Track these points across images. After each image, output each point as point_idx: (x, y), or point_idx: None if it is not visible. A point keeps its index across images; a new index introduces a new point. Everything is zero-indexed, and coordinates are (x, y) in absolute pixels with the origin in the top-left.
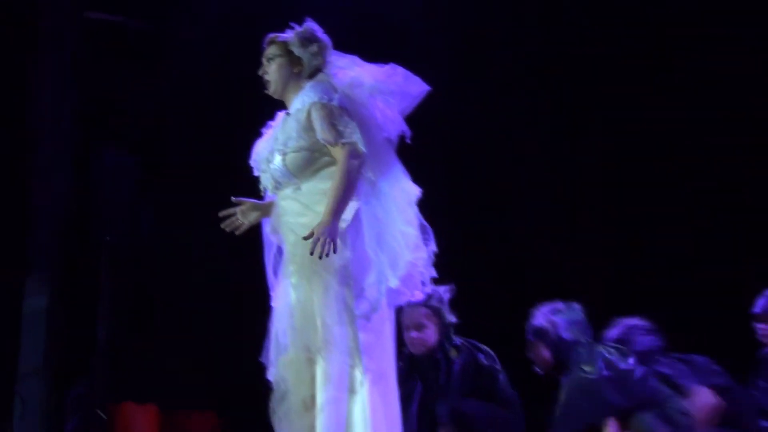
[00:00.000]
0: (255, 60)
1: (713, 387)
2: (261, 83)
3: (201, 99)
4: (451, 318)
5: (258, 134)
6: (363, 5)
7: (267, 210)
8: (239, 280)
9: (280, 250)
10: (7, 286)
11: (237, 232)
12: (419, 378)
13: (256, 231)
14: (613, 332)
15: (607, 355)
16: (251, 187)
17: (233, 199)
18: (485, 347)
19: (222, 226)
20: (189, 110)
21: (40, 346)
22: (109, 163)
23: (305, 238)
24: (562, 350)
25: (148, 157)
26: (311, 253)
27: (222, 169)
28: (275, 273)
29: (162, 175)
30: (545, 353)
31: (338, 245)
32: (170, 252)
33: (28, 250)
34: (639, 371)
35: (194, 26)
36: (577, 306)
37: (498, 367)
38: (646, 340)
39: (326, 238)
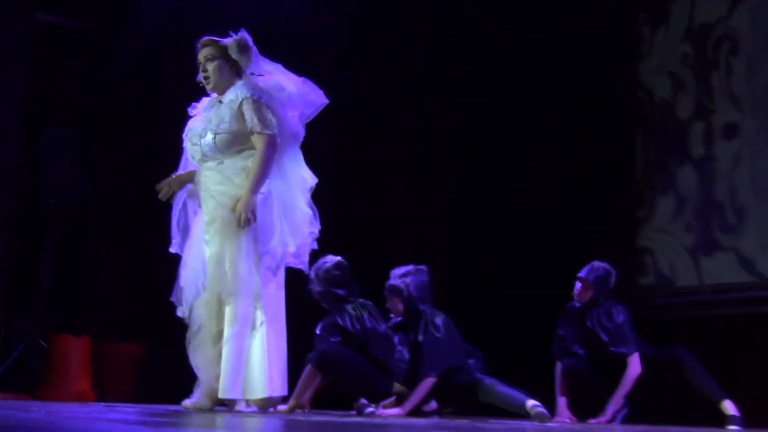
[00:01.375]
0: (174, 53)
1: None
2: (179, 74)
3: (130, 85)
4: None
5: (184, 115)
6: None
7: (188, 178)
8: (158, 233)
9: (185, 209)
10: None
11: (168, 200)
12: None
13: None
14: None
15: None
16: (167, 156)
17: (158, 186)
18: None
19: (159, 197)
20: (121, 93)
21: None
22: (53, 137)
23: (232, 211)
24: (412, 303)
25: (87, 133)
26: (237, 225)
27: (146, 144)
28: (178, 227)
29: (98, 147)
30: (399, 306)
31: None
32: (103, 210)
33: None
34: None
35: (126, 26)
36: (424, 269)
37: (378, 329)
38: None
39: (248, 211)
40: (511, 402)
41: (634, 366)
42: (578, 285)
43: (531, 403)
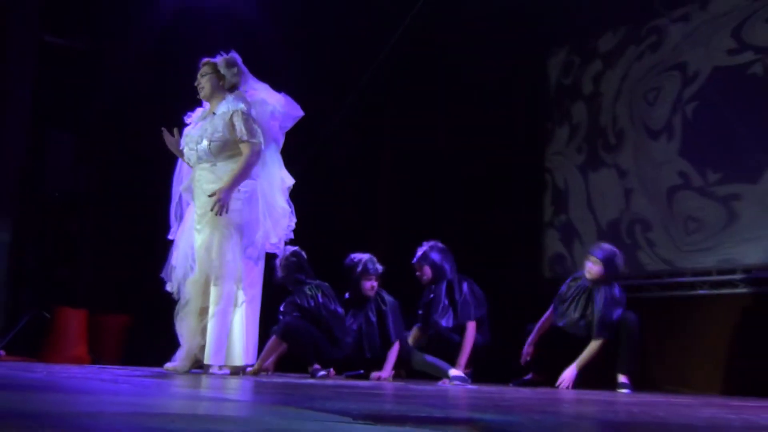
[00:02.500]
0: (163, 70)
1: None
2: (165, 90)
3: (120, 96)
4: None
5: (181, 124)
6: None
7: (176, 150)
8: (144, 221)
9: (181, 202)
10: None
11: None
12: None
13: (160, 191)
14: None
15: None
16: (152, 156)
17: (165, 129)
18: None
19: (163, 131)
20: (111, 103)
21: (4, 266)
22: (54, 140)
23: (210, 196)
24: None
25: (82, 136)
26: (211, 210)
27: (133, 145)
28: (176, 216)
29: (91, 148)
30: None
31: (238, 208)
32: (96, 201)
33: None
34: None
35: (121, 49)
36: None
37: (329, 305)
38: None
39: (221, 202)
40: (437, 370)
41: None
42: (418, 273)
43: (453, 372)
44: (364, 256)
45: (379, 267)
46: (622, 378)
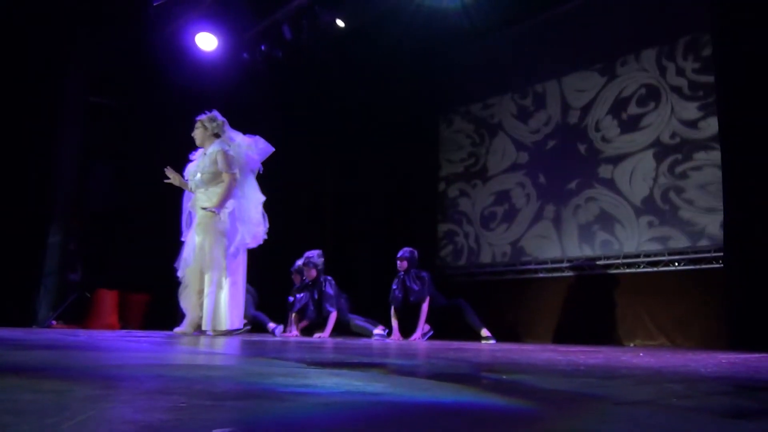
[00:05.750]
0: (182, 124)
1: None
2: (189, 138)
3: (146, 140)
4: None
5: (187, 160)
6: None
7: (182, 184)
8: (162, 227)
9: (190, 215)
10: (39, 229)
11: (167, 182)
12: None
13: (174, 207)
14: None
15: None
16: (167, 185)
17: (168, 168)
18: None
19: (165, 172)
20: (139, 144)
21: (55, 259)
22: (97, 171)
23: (203, 209)
24: (319, 272)
25: (118, 168)
26: (208, 217)
27: (156, 176)
28: (186, 224)
29: (124, 176)
30: (313, 273)
31: (223, 220)
32: (126, 213)
33: (53, 210)
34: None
35: (147, 106)
36: (321, 251)
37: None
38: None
39: (214, 213)
40: (366, 331)
41: (425, 308)
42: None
43: (376, 330)
44: (313, 253)
45: (320, 260)
46: (485, 332)
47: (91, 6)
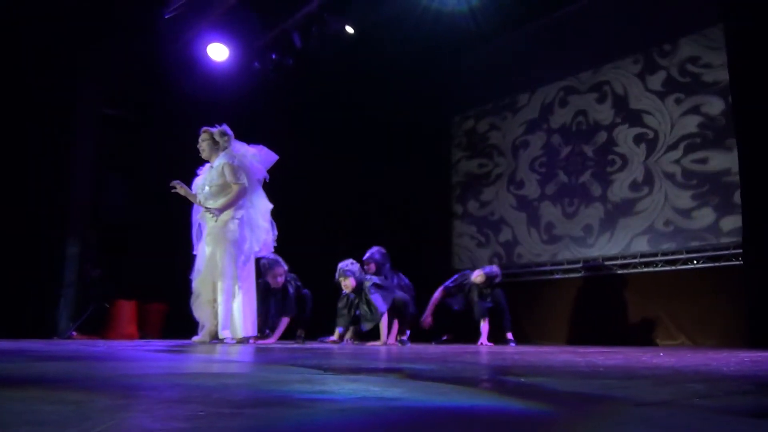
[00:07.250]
0: (195, 134)
1: None
2: (196, 150)
3: (158, 152)
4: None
5: (195, 174)
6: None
7: (190, 196)
8: (175, 240)
9: (200, 228)
10: (57, 241)
11: (174, 192)
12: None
13: (185, 219)
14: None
15: None
16: (179, 197)
17: (176, 183)
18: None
19: (172, 185)
20: (152, 157)
21: (74, 271)
22: (111, 182)
23: (206, 209)
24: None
25: (132, 180)
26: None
27: (168, 189)
28: (197, 237)
29: (139, 189)
30: (352, 281)
31: (233, 229)
32: (141, 224)
33: (69, 222)
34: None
35: (158, 118)
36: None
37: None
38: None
39: (213, 214)
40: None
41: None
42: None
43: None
44: (345, 263)
45: (354, 267)
46: (508, 335)
47: (104, 19)
